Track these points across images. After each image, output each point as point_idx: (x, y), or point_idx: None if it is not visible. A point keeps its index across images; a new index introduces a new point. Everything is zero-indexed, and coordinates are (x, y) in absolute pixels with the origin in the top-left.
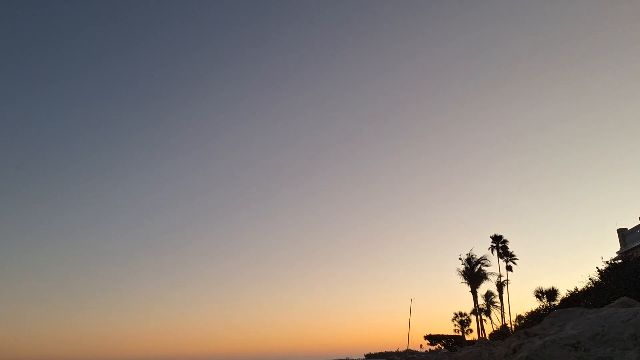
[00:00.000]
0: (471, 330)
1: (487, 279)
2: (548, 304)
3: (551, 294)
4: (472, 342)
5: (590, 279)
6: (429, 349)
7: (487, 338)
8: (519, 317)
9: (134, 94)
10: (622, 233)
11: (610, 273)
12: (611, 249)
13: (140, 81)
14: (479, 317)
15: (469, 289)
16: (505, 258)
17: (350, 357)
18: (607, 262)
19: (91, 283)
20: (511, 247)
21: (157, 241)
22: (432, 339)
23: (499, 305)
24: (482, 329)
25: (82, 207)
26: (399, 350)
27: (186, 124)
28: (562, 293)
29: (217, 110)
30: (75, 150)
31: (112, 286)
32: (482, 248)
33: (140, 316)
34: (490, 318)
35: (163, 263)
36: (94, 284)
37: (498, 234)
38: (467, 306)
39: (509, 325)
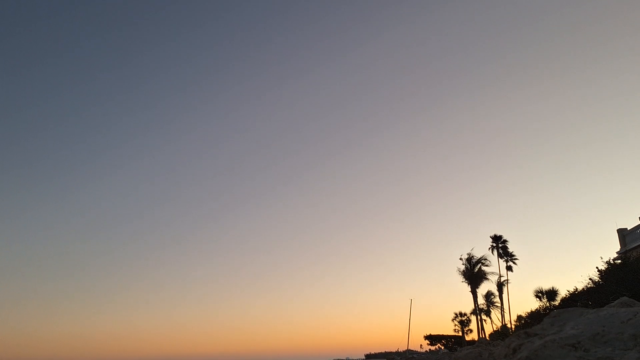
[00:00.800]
0: (471, 331)
1: (487, 279)
2: (548, 304)
3: (551, 294)
4: (472, 342)
5: (590, 279)
6: (429, 349)
7: (487, 338)
8: (519, 317)
9: (129, 87)
10: (622, 233)
11: (610, 273)
12: (611, 249)
13: (137, 74)
14: (479, 317)
15: (469, 289)
16: (505, 258)
17: (350, 357)
18: (606, 262)
19: (87, 282)
20: (511, 247)
21: (153, 239)
22: (432, 339)
23: (499, 305)
24: (482, 329)
25: (76, 204)
26: (399, 351)
27: (182, 118)
28: (562, 293)
29: (215, 105)
30: (68, 146)
31: (108, 285)
32: (482, 248)
33: (137, 315)
34: (490, 318)
35: (160, 261)
36: (90, 282)
37: (498, 234)
38: (467, 306)
39: (509, 325)
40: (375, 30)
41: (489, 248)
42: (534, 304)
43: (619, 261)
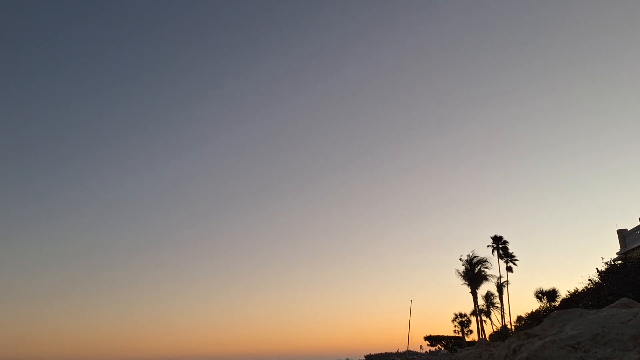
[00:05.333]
0: (471, 331)
1: (487, 279)
2: (548, 305)
3: (551, 294)
4: (472, 343)
5: (590, 279)
6: (429, 350)
7: (487, 339)
8: (519, 318)
9: (135, 93)
10: (622, 234)
11: (610, 274)
12: (611, 249)
13: (142, 80)
14: (479, 318)
15: (469, 290)
16: (506, 259)
17: (350, 358)
18: (607, 263)
19: (88, 282)
20: (511, 248)
21: (160, 242)
22: (432, 339)
23: (499, 306)
24: (482, 329)
25: (85, 206)
26: (399, 351)
27: (195, 123)
28: (562, 294)
29: (221, 109)
30: (79, 149)
31: (114, 286)
32: (482, 249)
33: (139, 316)
34: (490, 319)
35: (165, 264)
36: (91, 283)
37: (498, 234)
38: (467, 307)
39: (509, 326)
40: (384, 39)
41: (489, 247)
42: (534, 305)
43: (619, 262)
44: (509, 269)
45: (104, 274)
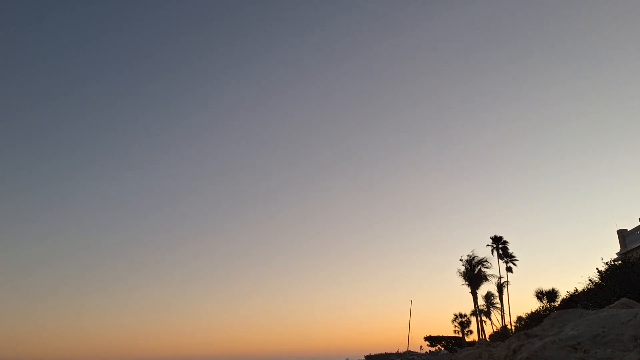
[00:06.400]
0: (471, 332)
1: (487, 280)
2: (548, 305)
3: (551, 295)
4: (472, 343)
5: (590, 280)
6: (429, 350)
7: (487, 339)
8: (519, 318)
9: (129, 89)
10: (622, 234)
11: (610, 274)
12: (611, 250)
13: (142, 78)
14: (479, 318)
15: (469, 290)
16: (506, 259)
17: (350, 359)
18: (607, 263)
19: (87, 283)
20: (511, 249)
21: (157, 240)
22: (432, 340)
23: (499, 306)
24: (482, 330)
25: (85, 205)
26: (399, 352)
27: (185, 122)
28: (562, 294)
29: (222, 107)
30: (72, 148)
31: (110, 285)
32: (482, 249)
33: (138, 315)
34: (490, 319)
35: (163, 262)
36: (92, 283)
37: (498, 234)
38: (467, 307)
39: (509, 327)
40: (384, 36)
41: (489, 247)
42: (534, 305)
43: (619, 262)
44: (509, 269)
45: (99, 273)
